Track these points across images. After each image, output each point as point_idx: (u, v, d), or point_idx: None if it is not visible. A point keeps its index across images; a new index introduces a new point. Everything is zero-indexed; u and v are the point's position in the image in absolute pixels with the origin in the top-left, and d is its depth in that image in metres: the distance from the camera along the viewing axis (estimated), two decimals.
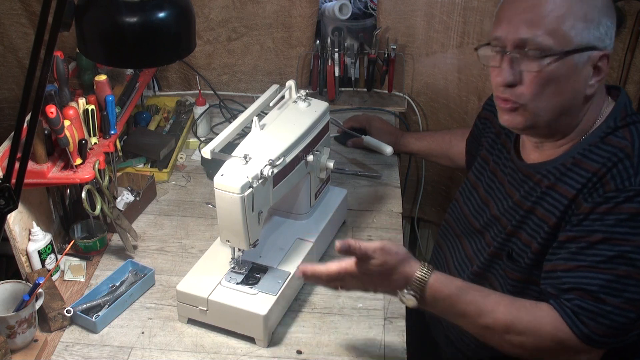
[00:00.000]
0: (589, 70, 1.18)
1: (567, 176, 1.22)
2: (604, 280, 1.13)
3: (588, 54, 1.16)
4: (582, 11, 1.14)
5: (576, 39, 1.15)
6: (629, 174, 1.14)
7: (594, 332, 1.14)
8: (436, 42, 2.14)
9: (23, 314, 1.32)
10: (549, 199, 1.24)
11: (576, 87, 1.19)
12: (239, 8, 2.10)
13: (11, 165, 1.13)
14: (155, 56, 1.21)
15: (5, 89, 2.21)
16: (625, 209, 1.12)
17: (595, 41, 1.16)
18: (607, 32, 1.17)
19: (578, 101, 1.21)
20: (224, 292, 1.38)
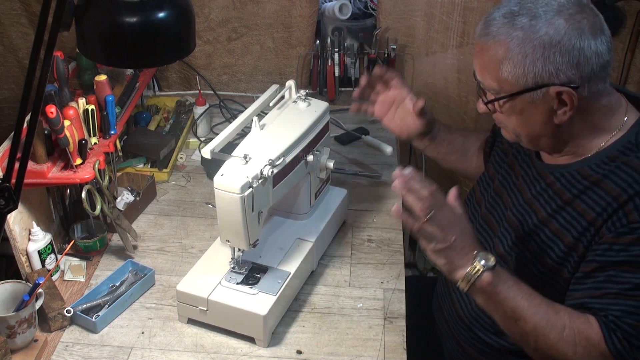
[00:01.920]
0: (550, 104, 1.16)
1: (587, 195, 1.20)
2: (630, 307, 1.14)
3: (541, 91, 1.15)
4: (520, 55, 1.13)
5: (519, 82, 1.15)
6: None
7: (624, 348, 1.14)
8: (436, 42, 2.14)
9: (23, 314, 1.32)
10: (565, 214, 1.23)
11: (540, 119, 1.19)
12: (239, 8, 2.10)
13: (11, 165, 1.13)
14: (155, 56, 1.21)
15: (5, 89, 2.21)
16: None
17: (545, 79, 1.13)
18: (563, 67, 1.12)
19: (551, 129, 1.20)
20: (224, 292, 1.38)
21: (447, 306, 1.50)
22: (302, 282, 1.51)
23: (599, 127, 1.22)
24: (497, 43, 1.15)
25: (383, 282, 1.54)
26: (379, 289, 1.52)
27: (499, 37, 1.15)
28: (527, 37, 1.13)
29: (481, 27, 1.19)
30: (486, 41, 1.17)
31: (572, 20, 1.12)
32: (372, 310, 1.47)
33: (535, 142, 1.25)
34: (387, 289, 1.52)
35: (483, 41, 1.18)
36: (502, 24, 1.15)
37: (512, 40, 1.13)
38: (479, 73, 1.22)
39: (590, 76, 1.14)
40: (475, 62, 1.22)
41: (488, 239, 1.40)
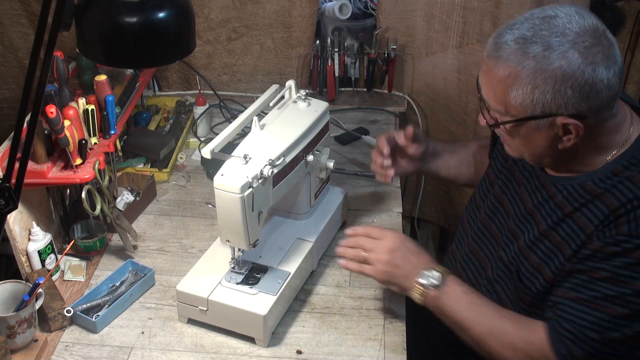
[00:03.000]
0: (556, 131, 1.15)
1: (588, 208, 1.20)
2: (596, 317, 1.15)
3: (547, 120, 1.14)
4: (531, 85, 1.11)
5: (527, 110, 1.13)
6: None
7: (572, 354, 1.17)
8: (436, 42, 2.14)
9: (23, 314, 1.32)
10: (566, 227, 1.23)
11: (545, 144, 1.18)
12: (239, 8, 2.10)
13: (11, 165, 1.13)
14: (155, 56, 1.21)
15: (5, 89, 2.21)
16: (634, 255, 1.12)
17: (553, 109, 1.12)
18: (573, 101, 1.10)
19: (554, 152, 1.20)
20: (224, 292, 1.38)
21: None
22: (302, 282, 1.51)
23: (603, 146, 1.20)
24: (507, 68, 1.12)
25: None
26: (379, 289, 1.52)
27: (509, 62, 1.12)
28: (539, 68, 1.10)
29: (491, 48, 1.15)
30: (496, 63, 1.14)
31: (587, 53, 1.09)
32: (372, 310, 1.47)
33: (539, 161, 1.25)
34: (387, 289, 1.52)
35: (493, 63, 1.14)
36: (513, 50, 1.11)
37: (524, 69, 1.10)
38: (485, 92, 1.19)
39: (599, 108, 1.12)
40: (482, 79, 1.20)
41: (488, 245, 1.40)
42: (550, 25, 1.11)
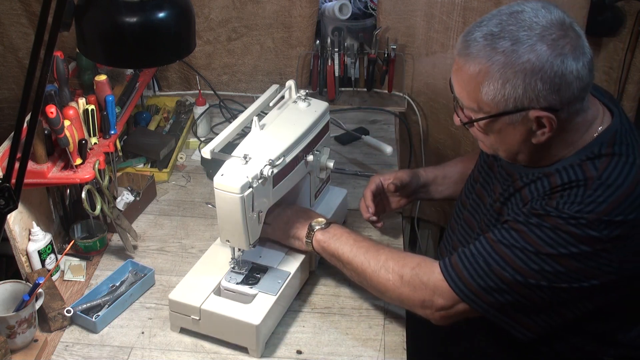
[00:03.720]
0: (529, 125, 1.16)
1: (534, 184, 1.23)
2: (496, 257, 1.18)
3: (520, 115, 1.15)
4: (501, 80, 1.12)
5: (499, 105, 1.15)
6: (574, 201, 1.14)
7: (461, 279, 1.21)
8: (436, 42, 2.14)
9: (23, 314, 1.32)
10: (513, 201, 1.26)
11: (519, 139, 1.19)
12: (239, 8, 2.10)
13: (11, 165, 1.13)
14: (155, 56, 1.21)
15: (5, 89, 2.21)
16: (552, 221, 1.14)
17: (525, 103, 1.13)
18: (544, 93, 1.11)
19: (528, 146, 1.21)
20: (216, 301, 1.37)
21: None
22: (302, 282, 1.51)
23: (573, 142, 1.22)
24: (477, 65, 1.14)
25: None
26: None
27: (479, 59, 1.13)
28: (508, 62, 1.11)
29: (461, 46, 1.17)
30: (466, 61, 1.15)
31: (555, 45, 1.10)
32: (372, 310, 1.47)
33: (513, 157, 1.26)
34: None
35: (463, 61, 1.16)
36: (482, 46, 1.13)
37: (493, 64, 1.12)
38: (458, 90, 1.21)
39: (570, 100, 1.14)
40: (453, 78, 1.21)
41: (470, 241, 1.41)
42: (518, 20, 1.12)
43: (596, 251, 1.12)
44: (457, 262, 1.22)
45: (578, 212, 1.12)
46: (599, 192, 1.13)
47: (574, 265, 1.13)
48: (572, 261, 1.13)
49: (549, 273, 1.14)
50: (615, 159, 1.17)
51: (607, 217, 1.11)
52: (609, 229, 1.11)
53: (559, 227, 1.13)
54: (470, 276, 1.20)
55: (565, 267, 1.14)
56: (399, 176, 1.60)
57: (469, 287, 1.20)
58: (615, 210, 1.12)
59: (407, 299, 1.29)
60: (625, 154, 1.18)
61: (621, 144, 1.19)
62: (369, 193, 1.60)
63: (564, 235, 1.13)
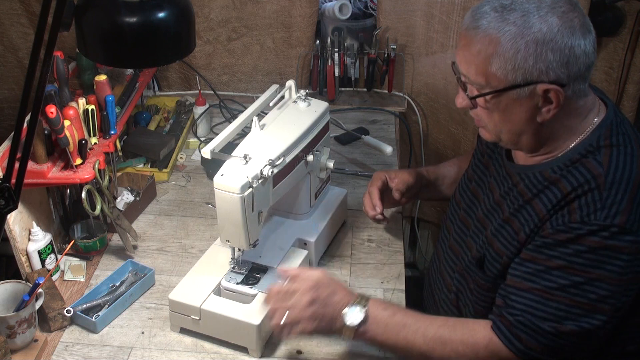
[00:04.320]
0: (535, 101, 1.16)
1: (544, 194, 1.21)
2: (552, 308, 1.15)
3: (528, 89, 1.14)
4: (512, 50, 1.12)
5: (507, 77, 1.14)
6: (596, 208, 1.13)
7: (527, 347, 1.17)
8: (436, 42, 2.14)
9: (23, 314, 1.32)
10: (525, 213, 1.24)
11: (524, 117, 1.19)
12: (239, 8, 2.10)
13: (11, 165, 1.13)
14: (155, 56, 1.21)
15: (5, 89, 2.21)
16: (586, 242, 1.13)
17: (534, 76, 1.13)
18: (554, 65, 1.11)
19: (533, 126, 1.20)
20: (216, 301, 1.37)
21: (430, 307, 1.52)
22: None
23: (573, 128, 1.22)
24: (487, 37, 1.13)
25: (383, 282, 1.54)
26: (379, 289, 1.52)
27: (489, 31, 1.13)
28: (520, 33, 1.11)
29: (469, 20, 1.17)
30: (475, 34, 1.15)
31: (565, 18, 1.11)
32: None
33: (516, 140, 1.24)
34: (387, 289, 1.52)
35: (472, 34, 1.15)
36: (493, 18, 1.13)
37: (504, 35, 1.12)
38: (464, 66, 1.20)
39: (577, 76, 1.14)
40: (459, 55, 1.20)
41: (465, 239, 1.41)
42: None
43: (636, 254, 1.12)
44: (520, 334, 1.18)
45: (606, 218, 1.11)
46: (614, 190, 1.13)
47: (623, 280, 1.13)
48: (622, 276, 1.12)
49: (606, 297, 1.13)
50: (615, 151, 1.17)
51: (633, 216, 1.12)
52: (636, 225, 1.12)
53: (596, 245, 1.12)
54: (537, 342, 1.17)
55: (618, 285, 1.13)
56: (405, 179, 1.59)
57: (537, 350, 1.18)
58: (634, 206, 1.12)
59: None
60: (624, 144, 1.18)
61: (618, 134, 1.20)
62: (376, 190, 1.58)
63: (604, 252, 1.12)
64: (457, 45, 1.21)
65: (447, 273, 1.44)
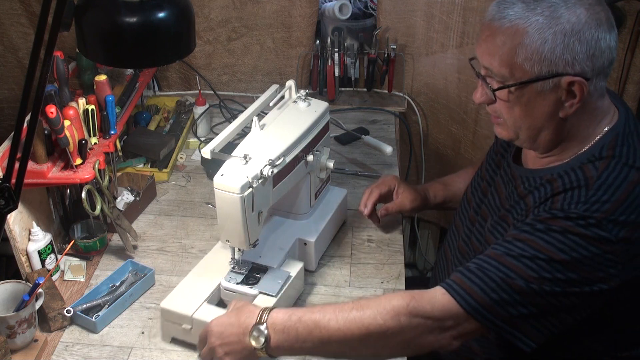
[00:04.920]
0: (559, 95, 1.15)
1: (538, 190, 1.22)
2: (502, 271, 1.13)
3: (553, 81, 1.14)
4: (540, 40, 1.11)
5: (533, 68, 1.13)
6: (579, 201, 1.13)
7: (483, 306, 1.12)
8: (436, 42, 2.14)
9: (23, 314, 1.32)
10: (518, 209, 1.25)
11: (546, 111, 1.18)
12: (239, 8, 2.10)
13: (11, 165, 1.13)
14: (155, 56, 1.21)
15: (5, 89, 2.21)
16: (560, 223, 1.12)
17: (560, 67, 1.12)
18: (580, 57, 1.11)
19: (554, 121, 1.20)
20: (209, 310, 1.35)
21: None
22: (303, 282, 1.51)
23: (587, 132, 1.21)
24: (514, 27, 1.13)
25: (383, 282, 1.54)
26: (379, 289, 1.52)
27: (516, 21, 1.12)
28: (547, 24, 1.11)
29: (495, 10, 1.16)
30: (501, 25, 1.14)
31: (592, 10, 1.11)
32: None
33: (534, 138, 1.23)
34: (387, 289, 1.52)
35: (498, 24, 1.15)
36: (520, 8, 1.13)
37: (531, 25, 1.11)
38: (487, 58, 1.18)
39: (600, 70, 1.14)
40: (481, 47, 1.19)
41: (472, 238, 1.41)
42: None
43: (605, 253, 1.11)
44: (464, 281, 1.14)
45: (586, 211, 1.11)
46: (601, 192, 1.13)
47: (585, 270, 1.11)
48: (583, 266, 1.11)
49: (562, 280, 1.11)
50: (614, 161, 1.17)
51: (613, 217, 1.10)
52: (616, 229, 1.10)
53: (569, 229, 1.11)
54: (482, 291, 1.12)
55: (577, 273, 1.11)
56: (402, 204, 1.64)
57: (481, 302, 1.12)
58: (618, 210, 1.11)
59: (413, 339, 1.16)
60: (625, 156, 1.17)
61: (622, 146, 1.19)
62: (376, 194, 1.63)
63: (574, 238, 1.11)
64: (479, 38, 1.20)
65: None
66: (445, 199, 1.68)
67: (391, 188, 1.65)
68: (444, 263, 1.50)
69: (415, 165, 2.38)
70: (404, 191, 1.65)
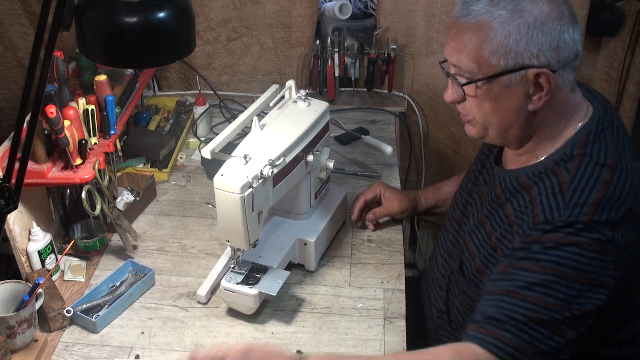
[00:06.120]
0: (527, 88, 1.17)
1: (515, 198, 1.23)
2: (522, 308, 1.12)
3: (520, 74, 1.15)
4: (504, 33, 1.13)
5: (499, 62, 1.15)
6: (559, 207, 1.13)
7: (511, 346, 1.12)
8: (436, 42, 2.14)
9: (23, 314, 1.32)
10: (496, 216, 1.26)
11: (514, 105, 1.19)
12: (239, 8, 2.10)
13: (11, 165, 1.13)
14: (155, 56, 1.21)
15: (5, 89, 2.21)
16: (551, 238, 1.12)
17: (526, 60, 1.14)
18: (545, 48, 1.13)
19: (522, 116, 1.21)
20: None
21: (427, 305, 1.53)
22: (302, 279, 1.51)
23: (558, 128, 1.22)
24: (479, 22, 1.15)
25: (383, 282, 1.55)
26: (379, 289, 1.52)
27: (481, 16, 1.15)
28: (511, 17, 1.13)
29: (460, 8, 1.18)
30: (467, 21, 1.16)
31: (555, 4, 1.13)
32: (372, 310, 1.47)
33: (504, 133, 1.24)
34: (387, 289, 1.52)
35: (463, 21, 1.17)
36: (484, 4, 1.15)
37: (496, 19, 1.13)
38: (455, 56, 1.21)
39: (566, 62, 1.15)
40: (449, 46, 1.21)
41: (458, 239, 1.42)
42: None
43: (601, 254, 1.11)
44: (491, 329, 1.13)
45: (570, 216, 1.11)
46: (577, 195, 1.13)
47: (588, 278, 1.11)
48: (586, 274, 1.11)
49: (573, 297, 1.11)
50: (585, 160, 1.17)
51: (596, 217, 1.11)
52: (604, 229, 1.11)
53: (561, 241, 1.11)
54: (513, 335, 1.11)
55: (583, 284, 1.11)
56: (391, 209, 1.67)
57: (516, 347, 1.11)
58: (597, 210, 1.12)
59: None
60: (597, 154, 1.18)
61: (593, 144, 1.19)
62: (362, 201, 1.68)
63: (569, 249, 1.11)
64: (447, 37, 1.22)
65: (441, 272, 1.45)
66: (436, 203, 1.71)
67: (377, 193, 1.68)
68: (434, 264, 1.51)
69: (415, 165, 2.38)
70: (390, 195, 1.68)
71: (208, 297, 1.48)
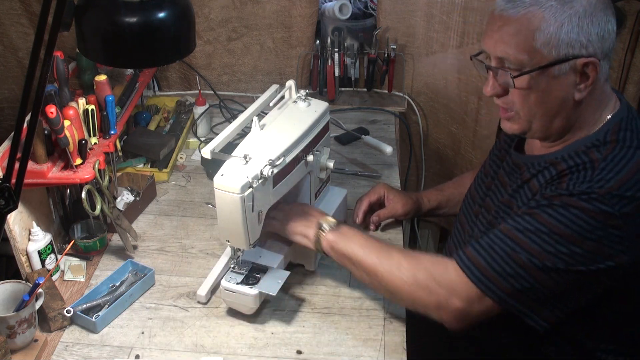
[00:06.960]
0: (573, 78, 1.18)
1: (542, 174, 1.25)
2: (507, 244, 1.18)
3: (569, 64, 1.16)
4: (556, 24, 1.14)
5: (551, 52, 1.16)
6: (584, 180, 1.16)
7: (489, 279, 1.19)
8: (436, 42, 2.14)
9: (23, 314, 1.32)
10: (522, 194, 1.27)
11: (561, 95, 1.20)
12: (239, 8, 2.10)
13: (11, 165, 1.13)
14: (155, 56, 1.21)
15: (5, 89, 2.21)
16: (564, 199, 1.15)
17: (576, 50, 1.15)
18: (593, 38, 1.15)
19: (568, 106, 1.22)
20: None
21: None
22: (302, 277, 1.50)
23: (593, 117, 1.24)
24: (529, 13, 1.15)
25: None
26: None
27: (531, 7, 1.15)
28: (562, 7, 1.14)
29: (505, 1, 1.19)
30: (516, 12, 1.16)
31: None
32: (372, 310, 1.47)
33: (549, 125, 1.25)
34: None
35: (511, 13, 1.17)
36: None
37: (547, 10, 1.14)
38: (500, 48, 1.20)
39: (607, 52, 1.18)
40: (492, 38, 1.21)
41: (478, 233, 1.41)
42: None
43: (608, 227, 1.12)
44: (472, 253, 1.21)
45: (589, 188, 1.14)
46: (605, 171, 1.15)
47: (589, 245, 1.13)
48: (587, 241, 1.13)
49: (565, 254, 1.14)
50: (619, 145, 1.20)
51: (617, 192, 1.13)
52: (620, 204, 1.12)
53: (570, 203, 1.14)
54: (487, 263, 1.19)
55: (580, 248, 1.14)
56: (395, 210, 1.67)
57: (486, 273, 1.19)
58: (624, 186, 1.13)
59: (420, 301, 1.26)
60: (630, 140, 1.20)
61: (626, 131, 1.22)
62: (366, 203, 1.68)
63: (575, 212, 1.13)
64: (489, 30, 1.21)
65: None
66: (439, 204, 1.71)
67: (381, 195, 1.69)
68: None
69: (415, 165, 2.38)
70: (394, 197, 1.68)
71: (208, 297, 1.48)
